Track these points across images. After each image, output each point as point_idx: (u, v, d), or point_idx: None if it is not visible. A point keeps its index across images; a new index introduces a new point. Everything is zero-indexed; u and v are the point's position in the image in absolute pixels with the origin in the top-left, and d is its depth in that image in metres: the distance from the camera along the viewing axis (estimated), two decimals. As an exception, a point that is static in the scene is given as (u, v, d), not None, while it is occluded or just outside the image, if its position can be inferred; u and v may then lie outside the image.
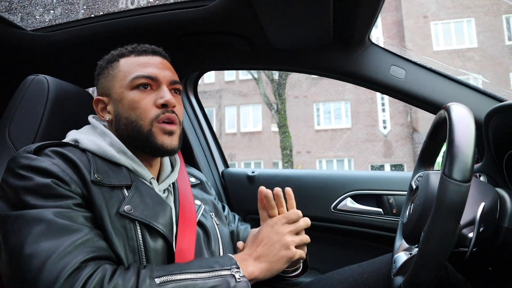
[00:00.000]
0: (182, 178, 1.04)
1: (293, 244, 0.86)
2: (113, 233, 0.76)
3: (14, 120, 1.02)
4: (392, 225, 1.40)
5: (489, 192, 0.80)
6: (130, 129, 0.89)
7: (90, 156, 0.84)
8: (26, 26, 1.37)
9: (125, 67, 0.92)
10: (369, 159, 11.53)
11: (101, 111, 0.95)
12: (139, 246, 0.78)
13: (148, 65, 0.92)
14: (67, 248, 0.66)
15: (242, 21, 1.18)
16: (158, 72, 0.92)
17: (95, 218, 0.76)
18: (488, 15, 10.85)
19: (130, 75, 0.90)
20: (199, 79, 1.72)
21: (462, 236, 0.73)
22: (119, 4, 1.44)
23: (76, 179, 0.77)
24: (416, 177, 0.99)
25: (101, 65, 0.98)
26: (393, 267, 0.88)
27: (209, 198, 1.10)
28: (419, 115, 10.84)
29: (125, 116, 0.89)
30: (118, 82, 0.91)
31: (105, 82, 0.95)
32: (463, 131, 0.66)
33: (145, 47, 0.96)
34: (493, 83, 8.06)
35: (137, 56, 0.94)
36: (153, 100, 0.89)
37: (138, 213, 0.79)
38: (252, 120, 13.13)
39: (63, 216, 0.71)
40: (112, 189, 0.81)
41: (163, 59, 0.97)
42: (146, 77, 0.90)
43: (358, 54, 1.28)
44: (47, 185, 0.73)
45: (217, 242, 0.97)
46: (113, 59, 0.95)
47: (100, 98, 0.95)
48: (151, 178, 0.91)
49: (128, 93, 0.90)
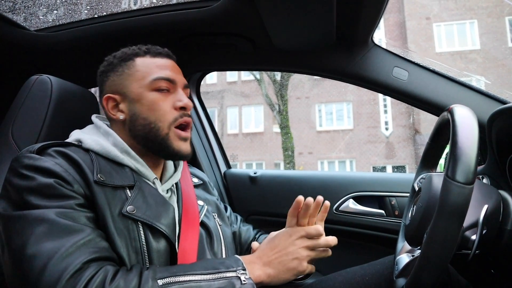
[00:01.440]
0: (185, 178, 1.04)
1: (306, 259, 0.86)
2: (116, 234, 0.76)
3: (18, 120, 1.02)
4: (394, 227, 1.40)
5: (492, 194, 0.80)
6: (148, 130, 0.89)
7: (93, 156, 0.84)
8: (30, 26, 1.38)
9: (142, 67, 0.92)
10: (371, 161, 11.51)
11: (112, 109, 0.93)
12: (142, 246, 0.78)
13: (166, 68, 0.93)
14: (69, 248, 0.66)
15: (245, 22, 1.18)
16: (174, 76, 0.93)
17: (97, 218, 0.76)
18: (491, 16, 10.82)
19: (150, 76, 0.90)
20: (202, 80, 1.72)
21: (465, 238, 0.73)
22: (122, 4, 1.44)
23: (78, 179, 0.77)
24: (418, 178, 0.99)
25: (112, 62, 0.95)
26: (395, 269, 0.88)
27: (211, 198, 1.10)
28: (421, 116, 10.81)
29: (143, 117, 0.89)
30: (136, 81, 0.90)
31: (118, 79, 0.93)
32: (467, 133, 0.66)
33: (159, 49, 0.96)
34: (496, 85, 8.03)
35: (153, 58, 0.94)
36: (171, 102, 0.90)
37: (140, 213, 0.79)
38: (254, 121, 13.13)
39: (66, 217, 0.70)
40: (115, 189, 0.80)
41: (174, 63, 0.98)
42: (166, 80, 0.90)
43: (361, 56, 1.28)
44: (50, 185, 0.73)
45: (219, 243, 0.97)
46: (127, 57, 0.94)
47: (111, 96, 0.92)
48: (154, 178, 0.91)
49: (148, 93, 0.89)
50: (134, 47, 0.96)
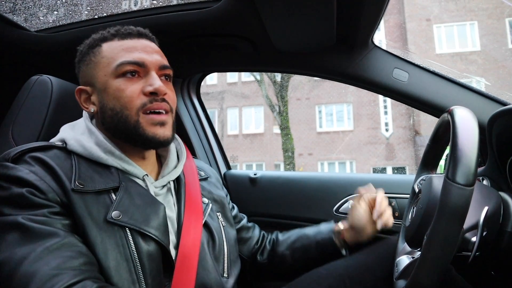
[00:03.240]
0: (191, 171, 0.98)
1: None
2: (102, 242, 0.72)
3: (18, 120, 1.02)
4: (394, 228, 1.39)
5: (492, 196, 0.80)
6: (116, 121, 0.82)
7: (75, 159, 0.79)
8: (30, 27, 1.38)
9: (108, 52, 0.84)
10: (371, 162, 11.51)
11: (85, 102, 0.88)
12: (132, 253, 0.74)
13: (134, 49, 0.84)
14: (41, 254, 0.63)
15: (246, 23, 1.18)
16: (145, 57, 0.83)
17: (76, 226, 0.72)
18: (491, 18, 10.83)
19: (114, 62, 0.82)
20: (202, 81, 1.72)
21: (465, 240, 0.73)
22: (123, 5, 1.44)
23: (55, 187, 0.73)
24: (418, 180, 0.99)
25: (81, 51, 0.89)
26: (395, 270, 0.87)
27: (217, 195, 1.04)
28: (421, 118, 10.82)
29: (110, 107, 0.82)
30: (102, 70, 0.83)
31: (87, 70, 0.87)
32: (467, 134, 0.66)
33: (130, 29, 0.87)
34: (496, 86, 8.03)
35: (121, 40, 0.85)
36: (140, 87, 0.82)
37: (127, 218, 0.75)
38: (254, 122, 13.13)
39: (38, 222, 0.67)
40: (98, 194, 0.76)
41: (150, 42, 0.89)
42: (132, 63, 0.82)
43: (361, 57, 1.28)
44: (21, 195, 0.69)
45: (222, 246, 0.93)
46: (95, 43, 0.87)
47: (82, 88, 0.87)
48: (144, 175, 0.85)
49: (113, 81, 0.82)
50: (103, 31, 0.89)
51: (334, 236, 1.09)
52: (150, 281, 0.75)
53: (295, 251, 1.12)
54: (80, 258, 0.67)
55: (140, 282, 0.73)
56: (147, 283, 0.74)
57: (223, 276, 0.90)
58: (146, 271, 0.74)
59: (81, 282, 0.63)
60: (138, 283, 0.73)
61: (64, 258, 0.65)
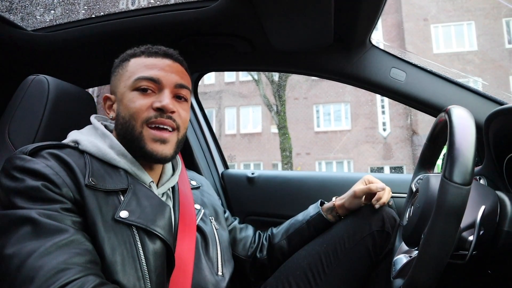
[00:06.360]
0: (183, 181, 1.03)
1: None
2: (110, 240, 0.74)
3: (14, 120, 1.01)
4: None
5: (489, 195, 0.80)
6: (125, 130, 0.88)
7: (88, 158, 0.83)
8: (27, 26, 1.37)
9: (132, 67, 0.91)
10: (369, 161, 11.53)
11: (108, 108, 0.95)
12: (138, 251, 0.76)
13: (154, 67, 0.90)
14: (49, 248, 0.65)
15: (243, 23, 1.18)
16: (162, 75, 0.89)
17: (86, 223, 0.74)
18: (488, 18, 10.88)
19: (133, 76, 0.89)
20: (200, 80, 1.72)
21: (462, 239, 0.73)
22: (120, 4, 1.44)
23: (69, 182, 0.75)
24: (416, 179, 0.99)
25: (115, 64, 0.97)
26: (392, 269, 0.88)
27: (209, 201, 1.10)
28: (418, 117, 10.85)
29: (122, 115, 0.89)
30: (123, 81, 0.91)
31: (114, 80, 0.95)
32: (464, 134, 0.66)
33: (157, 49, 0.94)
34: (493, 86, 8.07)
35: (147, 57, 0.92)
36: (150, 102, 0.87)
37: (134, 217, 0.78)
38: (252, 121, 13.13)
39: (50, 218, 0.69)
40: (107, 194, 0.79)
41: (173, 62, 0.94)
42: (148, 79, 0.88)
43: (358, 56, 1.28)
44: (37, 188, 0.71)
45: (215, 248, 0.98)
46: (125, 58, 0.94)
47: (108, 96, 0.95)
48: (150, 182, 0.90)
49: (129, 93, 0.88)
50: (135, 48, 0.96)
51: (323, 212, 1.16)
52: (155, 278, 0.77)
53: (291, 238, 1.16)
54: (86, 255, 0.69)
55: (145, 279, 0.76)
56: (151, 280, 0.76)
57: (218, 274, 0.95)
58: (151, 268, 0.77)
59: (84, 277, 0.65)
60: (143, 279, 0.75)
61: (71, 254, 0.66)
